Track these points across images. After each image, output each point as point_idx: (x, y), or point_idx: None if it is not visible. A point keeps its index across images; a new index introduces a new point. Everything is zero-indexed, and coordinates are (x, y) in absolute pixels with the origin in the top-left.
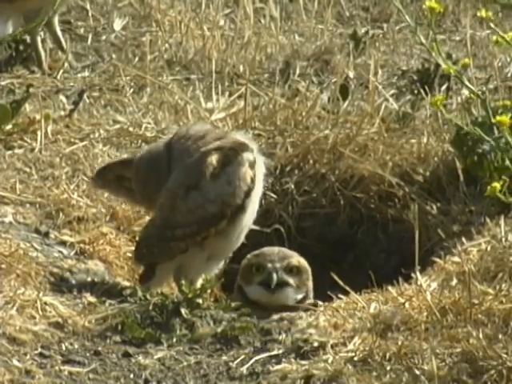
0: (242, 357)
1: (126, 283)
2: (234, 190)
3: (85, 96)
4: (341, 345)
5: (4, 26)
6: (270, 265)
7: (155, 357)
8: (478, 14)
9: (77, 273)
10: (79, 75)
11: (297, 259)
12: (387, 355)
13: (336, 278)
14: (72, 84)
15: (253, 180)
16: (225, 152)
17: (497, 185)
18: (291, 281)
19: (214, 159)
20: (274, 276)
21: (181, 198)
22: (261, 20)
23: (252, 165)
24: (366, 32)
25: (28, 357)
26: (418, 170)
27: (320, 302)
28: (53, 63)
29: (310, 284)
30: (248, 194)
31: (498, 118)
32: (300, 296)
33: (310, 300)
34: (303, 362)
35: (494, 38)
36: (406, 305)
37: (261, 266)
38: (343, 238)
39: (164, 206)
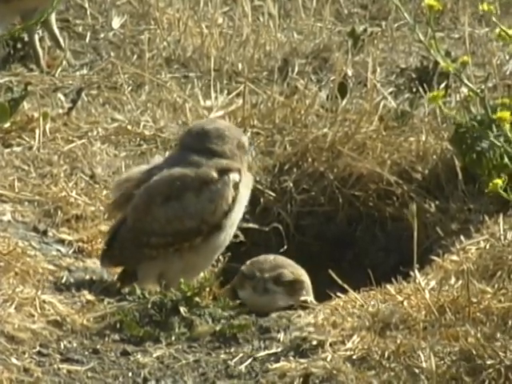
0: (241, 355)
1: None
2: (215, 209)
3: (83, 94)
4: (339, 343)
5: (0, 26)
6: (258, 274)
7: (154, 355)
8: (480, 8)
9: (75, 271)
10: (77, 73)
11: (290, 270)
12: (386, 353)
13: (335, 276)
14: (70, 82)
15: (234, 200)
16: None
17: (498, 181)
18: (279, 291)
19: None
20: (260, 287)
21: (157, 206)
22: (259, 18)
23: (236, 185)
24: (365, 30)
25: (26, 355)
26: (416, 168)
27: (314, 302)
28: (51, 61)
29: (308, 292)
30: (226, 214)
31: (498, 113)
32: (291, 302)
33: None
34: (302, 361)
35: (497, 30)
36: (405, 303)
37: (251, 273)
38: (342, 236)
39: (138, 209)
